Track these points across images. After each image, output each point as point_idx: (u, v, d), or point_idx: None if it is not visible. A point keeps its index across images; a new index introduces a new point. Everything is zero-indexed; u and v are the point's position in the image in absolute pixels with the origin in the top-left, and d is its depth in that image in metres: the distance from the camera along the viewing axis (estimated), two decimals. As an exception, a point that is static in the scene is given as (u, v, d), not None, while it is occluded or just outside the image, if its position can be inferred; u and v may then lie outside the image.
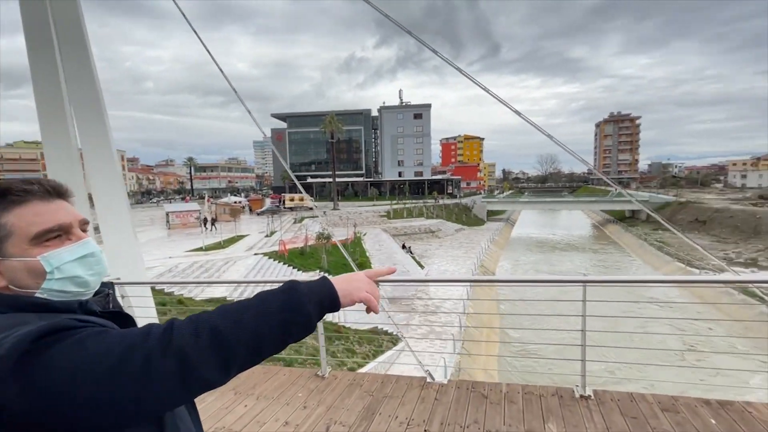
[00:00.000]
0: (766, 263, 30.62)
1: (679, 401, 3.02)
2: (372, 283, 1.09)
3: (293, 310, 0.82)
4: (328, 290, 0.94)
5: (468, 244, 41.56)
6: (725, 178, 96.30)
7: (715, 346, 15.79)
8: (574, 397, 3.19)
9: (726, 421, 2.79)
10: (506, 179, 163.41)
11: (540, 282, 3.63)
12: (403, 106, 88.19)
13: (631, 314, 16.19)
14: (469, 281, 15.54)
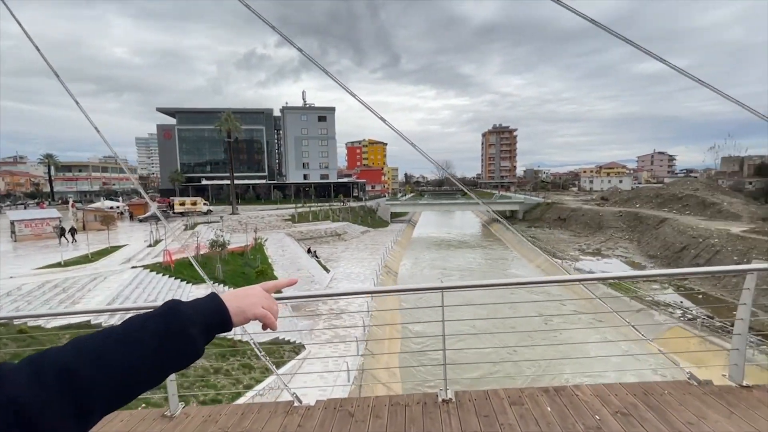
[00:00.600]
0: (607, 252, 38.04)
1: (524, 393, 3.18)
2: (269, 297, 1.00)
3: (172, 335, 0.72)
4: (216, 309, 0.85)
5: (373, 245, 42.81)
6: (579, 182, 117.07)
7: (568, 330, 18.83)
8: (437, 402, 3.19)
9: (558, 407, 2.99)
10: (408, 183, 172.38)
11: (402, 291, 3.74)
12: (307, 107, 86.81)
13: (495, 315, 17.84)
14: (334, 295, 16.03)
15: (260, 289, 0.98)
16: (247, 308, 0.90)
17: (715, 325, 18.78)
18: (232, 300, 0.88)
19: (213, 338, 0.82)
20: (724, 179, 68.18)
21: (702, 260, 29.03)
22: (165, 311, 0.75)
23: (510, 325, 18.30)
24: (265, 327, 0.96)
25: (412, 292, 3.68)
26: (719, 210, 39.44)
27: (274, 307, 0.98)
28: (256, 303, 0.93)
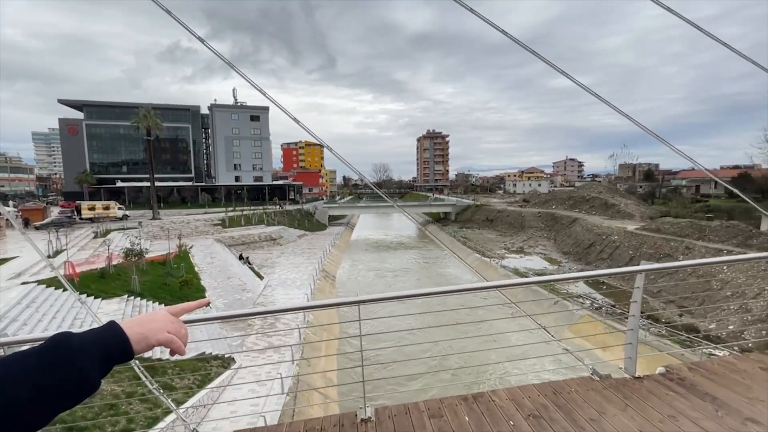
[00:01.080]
0: (529, 250, 41.48)
1: (444, 404, 3.10)
2: (177, 321, 0.95)
3: (57, 369, 0.66)
4: (115, 338, 0.79)
5: (310, 249, 41.97)
6: (504, 186, 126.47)
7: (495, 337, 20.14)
8: (355, 422, 3.07)
9: (476, 415, 2.94)
10: (346, 185, 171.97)
11: (317, 307, 3.62)
12: (239, 106, 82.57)
13: (417, 325, 18.10)
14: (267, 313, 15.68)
15: (165, 313, 0.95)
16: (151, 334, 0.87)
17: (616, 312, 21.44)
18: (134, 326, 0.84)
19: (111, 368, 0.78)
20: (621, 183, 78.32)
21: (605, 254, 32.97)
22: (50, 345, 0.70)
23: (433, 334, 18.66)
24: (173, 353, 0.92)
25: (327, 308, 3.56)
26: (618, 210, 45.14)
27: (182, 330, 0.95)
28: (160, 328, 0.89)
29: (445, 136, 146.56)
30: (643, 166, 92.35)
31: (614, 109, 5.54)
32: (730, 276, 21.29)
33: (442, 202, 73.57)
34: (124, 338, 0.81)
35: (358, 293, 3.27)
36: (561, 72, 5.25)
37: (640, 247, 29.95)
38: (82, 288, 16.19)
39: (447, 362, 16.23)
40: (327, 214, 66.76)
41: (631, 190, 68.14)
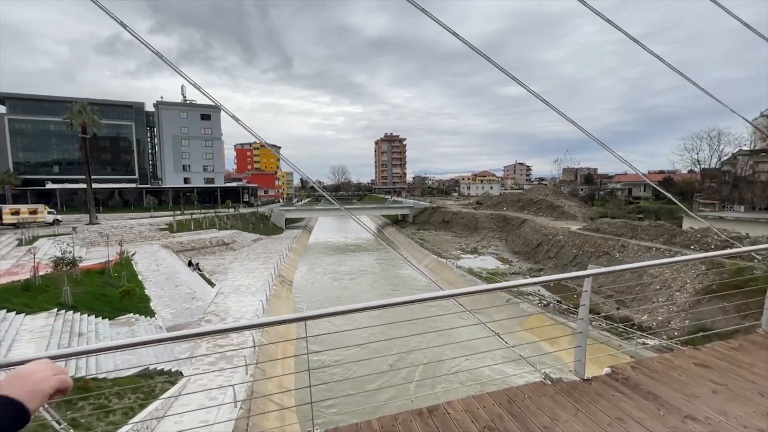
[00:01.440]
0: (482, 250, 43.07)
1: (398, 419, 3.03)
2: (54, 364, 0.89)
3: None
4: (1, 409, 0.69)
5: (266, 254, 40.68)
6: (459, 188, 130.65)
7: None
8: None
9: (431, 430, 2.86)
10: (304, 188, 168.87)
11: (262, 325, 3.34)
12: (188, 104, 78.31)
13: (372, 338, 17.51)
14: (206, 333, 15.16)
15: (38, 362, 0.87)
16: (40, 385, 0.79)
17: (562, 308, 22.83)
18: (17, 387, 0.75)
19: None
20: (565, 186, 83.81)
21: (552, 253, 35.05)
22: None
23: (388, 346, 18.33)
24: (65, 392, 0.86)
25: (272, 325, 3.26)
26: (562, 212, 48.19)
27: (64, 370, 0.90)
28: (45, 377, 0.81)
29: (403, 140, 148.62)
30: (584, 171, 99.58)
31: (564, 117, 5.92)
32: (659, 271, 23.43)
33: (400, 205, 74.48)
34: (13, 404, 0.73)
35: (304, 308, 3.11)
36: (515, 80, 5.51)
37: (583, 246, 32.17)
38: (1, 303, 14.48)
39: (402, 375, 16.09)
40: (283, 217, 65.10)
41: (573, 193, 73.06)
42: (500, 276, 30.68)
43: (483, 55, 5.19)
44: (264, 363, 15.18)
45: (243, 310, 21.63)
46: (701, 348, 3.54)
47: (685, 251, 24.15)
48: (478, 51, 5.18)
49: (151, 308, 19.91)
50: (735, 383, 3.17)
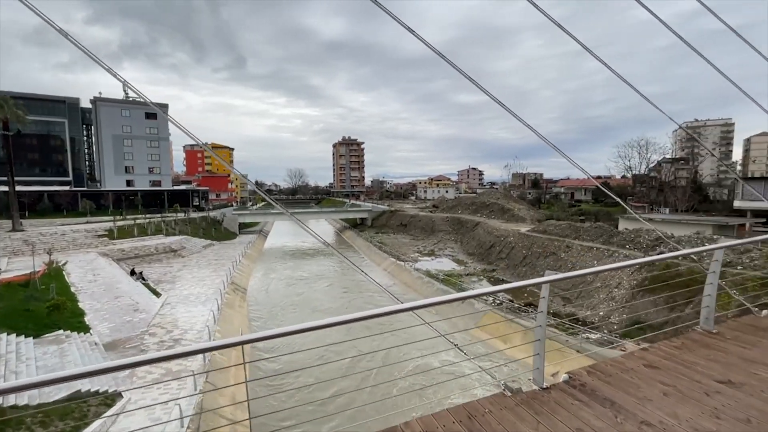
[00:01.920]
0: (439, 252, 44.05)
1: None
2: None
3: None
4: None
5: (218, 261, 38.80)
6: (416, 192, 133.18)
7: None
8: None
9: None
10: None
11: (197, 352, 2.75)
12: (131, 101, 73.07)
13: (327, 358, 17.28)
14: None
15: None
16: None
17: (514, 307, 23.86)
18: None
19: None
20: (514, 190, 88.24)
21: (504, 254, 36.61)
22: None
23: (343, 365, 17.82)
24: None
25: (207, 351, 2.68)
26: (513, 215, 50.60)
27: None
28: None
29: (360, 143, 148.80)
30: (531, 176, 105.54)
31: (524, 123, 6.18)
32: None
33: (359, 208, 74.35)
34: None
35: (242, 331, 2.88)
36: (477, 85, 5.65)
37: (531, 247, 33.93)
38: None
39: (359, 396, 15.58)
40: (237, 222, 62.61)
41: (522, 197, 77.03)
42: (456, 277, 31.52)
43: (445, 59, 5.30)
44: (215, 373, 14.39)
45: (192, 321, 20.41)
46: (649, 348, 3.68)
47: (620, 250, 26.24)
48: (440, 54, 5.28)
49: (86, 323, 18.20)
50: (682, 384, 3.29)
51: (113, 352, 15.96)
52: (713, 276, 4.27)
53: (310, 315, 24.48)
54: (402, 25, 5.06)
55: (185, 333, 18.51)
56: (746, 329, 4.13)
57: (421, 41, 5.23)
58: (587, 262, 27.18)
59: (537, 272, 30.65)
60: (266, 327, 23.31)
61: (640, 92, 5.80)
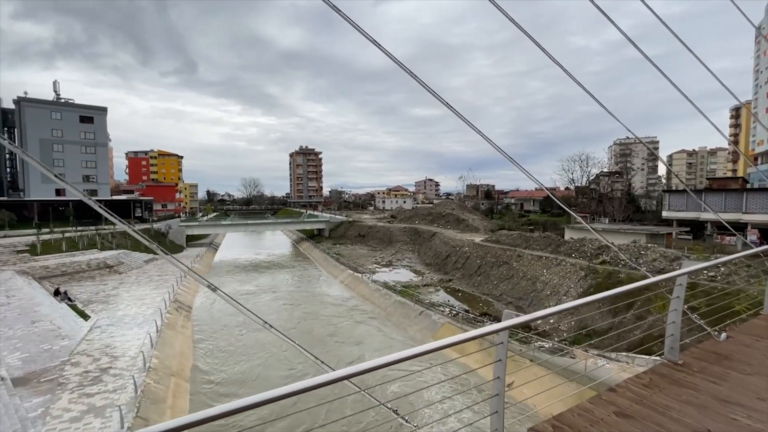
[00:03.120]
0: (397, 263, 43.95)
1: None
2: None
3: None
4: None
5: (160, 276, 35.90)
6: (375, 202, 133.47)
7: None
8: None
9: None
10: (211, 201, 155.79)
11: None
12: (62, 103, 66.88)
13: None
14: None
15: None
16: None
17: (469, 317, 24.05)
18: None
19: None
20: (469, 201, 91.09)
21: (459, 264, 37.21)
22: None
23: None
24: None
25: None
26: (467, 225, 51.90)
27: None
28: None
29: (318, 153, 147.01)
30: (484, 187, 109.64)
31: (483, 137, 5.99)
32: (549, 278, 26.25)
33: (316, 219, 72.82)
34: None
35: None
36: (437, 97, 5.33)
37: (485, 257, 34.77)
38: None
39: None
40: (184, 234, 58.81)
41: (476, 207, 79.57)
42: (413, 288, 31.44)
43: (406, 69, 5.00)
44: (148, 410, 12.88)
45: (125, 346, 18.39)
46: (617, 390, 3.29)
47: (567, 258, 27.52)
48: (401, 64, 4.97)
49: (-8, 355, 15.77)
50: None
51: (24, 387, 13.85)
52: (677, 302, 4.07)
53: (258, 335, 23.08)
54: (364, 36, 4.70)
55: (115, 360, 16.58)
56: (710, 358, 3.98)
57: (383, 52, 4.90)
58: (537, 271, 28.21)
59: (491, 281, 31.36)
60: (213, 350, 21.64)
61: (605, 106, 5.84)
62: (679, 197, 40.56)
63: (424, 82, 5.28)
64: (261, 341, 22.32)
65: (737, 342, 4.33)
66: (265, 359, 20.27)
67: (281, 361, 20.01)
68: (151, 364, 16.00)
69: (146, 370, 15.14)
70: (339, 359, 20.19)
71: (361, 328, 25.26)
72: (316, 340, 23.03)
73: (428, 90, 5.31)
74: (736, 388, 3.26)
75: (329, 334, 24.11)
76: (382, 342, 22.91)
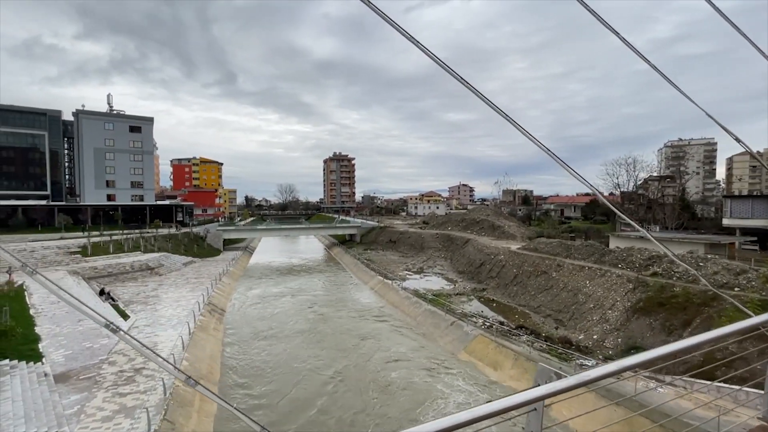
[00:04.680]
0: (428, 270, 42.92)
1: None
2: None
3: None
4: None
5: (197, 279, 37.08)
6: (407, 208, 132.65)
7: None
8: None
9: None
10: (249, 206, 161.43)
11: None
12: (114, 114, 71.71)
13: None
14: None
15: None
16: None
17: (504, 329, 22.71)
18: None
19: None
20: (505, 207, 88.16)
21: (494, 273, 35.64)
22: None
23: None
24: None
25: None
26: (503, 231, 49.92)
27: None
28: None
29: (351, 159, 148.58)
30: (521, 192, 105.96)
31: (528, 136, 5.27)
32: (592, 290, 24.36)
33: (348, 224, 73.18)
34: None
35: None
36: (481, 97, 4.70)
37: (522, 266, 33.05)
38: None
39: None
40: (221, 238, 60.80)
41: (512, 213, 76.81)
42: (444, 297, 30.37)
43: (448, 69, 4.41)
44: (175, 413, 12.89)
45: (159, 347, 18.81)
46: None
47: (613, 269, 25.46)
48: (442, 64, 4.37)
49: (39, 350, 16.56)
50: None
51: (64, 384, 14.35)
52: None
53: (285, 343, 23.02)
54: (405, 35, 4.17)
55: (149, 361, 16.90)
56: None
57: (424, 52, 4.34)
58: (579, 282, 26.32)
59: (528, 292, 29.70)
60: (240, 354, 21.75)
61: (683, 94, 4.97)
62: (742, 203, 36.81)
63: (465, 80, 4.63)
64: (291, 352, 22.19)
65: None
66: (295, 368, 20.05)
67: (312, 371, 19.73)
68: (181, 367, 16.16)
69: (179, 367, 15.28)
70: (362, 368, 19.60)
71: (389, 337, 24.54)
72: (338, 349, 22.59)
73: (470, 88, 4.63)
74: None
75: (353, 345, 23.51)
76: (401, 350, 22.07)
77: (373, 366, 20.04)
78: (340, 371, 19.27)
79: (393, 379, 18.30)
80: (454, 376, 18.77)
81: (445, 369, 19.57)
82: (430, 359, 20.79)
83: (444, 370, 19.49)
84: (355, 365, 20.03)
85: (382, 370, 19.37)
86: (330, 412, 15.51)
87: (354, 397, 16.82)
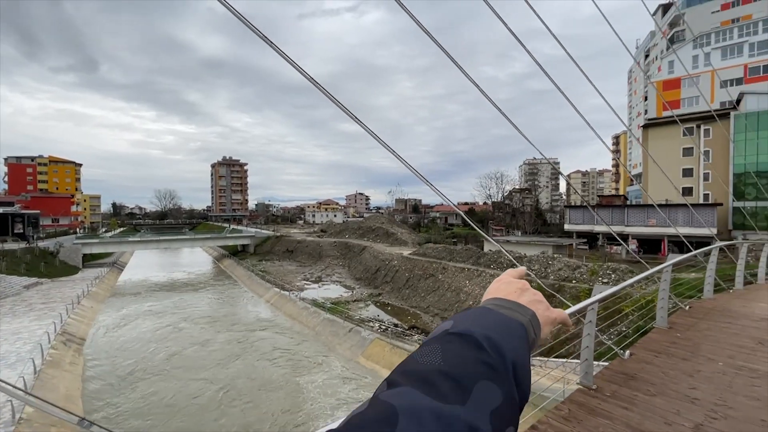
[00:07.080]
0: (326, 279, 43.11)
1: None
2: None
3: None
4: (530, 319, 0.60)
5: (45, 304, 30.63)
6: (305, 216, 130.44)
7: None
8: None
9: None
10: (117, 214, 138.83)
11: None
12: None
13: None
14: None
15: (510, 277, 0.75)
16: (549, 311, 0.67)
17: (398, 331, 24.31)
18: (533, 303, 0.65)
19: None
20: (397, 215, 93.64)
21: (389, 278, 37.70)
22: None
23: None
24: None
25: None
26: (396, 238, 53.06)
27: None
28: (543, 300, 0.68)
29: (244, 165, 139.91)
30: (412, 201, 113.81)
31: (396, 157, 6.02)
32: (471, 289, 27.73)
33: (240, 234, 68.70)
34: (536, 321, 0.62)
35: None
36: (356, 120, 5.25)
37: (413, 270, 35.73)
38: None
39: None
40: (80, 253, 51.25)
41: (404, 221, 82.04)
42: (343, 304, 30.98)
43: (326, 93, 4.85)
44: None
45: (-10, 394, 15.15)
46: (538, 426, 3.12)
47: (487, 270, 29.42)
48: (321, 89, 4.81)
49: None
50: None
51: None
52: (590, 326, 3.74)
53: (166, 366, 20.73)
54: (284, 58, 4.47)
55: (-25, 414, 13.53)
56: (619, 379, 3.78)
57: (303, 75, 4.71)
58: (461, 282, 29.69)
59: (419, 294, 32.22)
60: (109, 390, 18.84)
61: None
62: (577, 212, 46.09)
63: (343, 106, 5.20)
64: (174, 379, 20.05)
65: (639, 359, 4.26)
66: (175, 401, 18.22)
67: (199, 396, 18.17)
68: (24, 414, 13.33)
69: (15, 424, 12.55)
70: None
71: (282, 348, 24.02)
72: (226, 368, 21.36)
73: (348, 114, 5.25)
74: (644, 413, 3.28)
75: (242, 365, 22.49)
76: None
77: (260, 381, 19.44)
78: (228, 392, 18.21)
79: (274, 380, 18.05)
80: (349, 380, 19.38)
81: (343, 375, 20.05)
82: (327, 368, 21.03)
83: (340, 374, 19.95)
84: (242, 385, 19.13)
85: (265, 383, 18.93)
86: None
87: (244, 417, 16.10)
